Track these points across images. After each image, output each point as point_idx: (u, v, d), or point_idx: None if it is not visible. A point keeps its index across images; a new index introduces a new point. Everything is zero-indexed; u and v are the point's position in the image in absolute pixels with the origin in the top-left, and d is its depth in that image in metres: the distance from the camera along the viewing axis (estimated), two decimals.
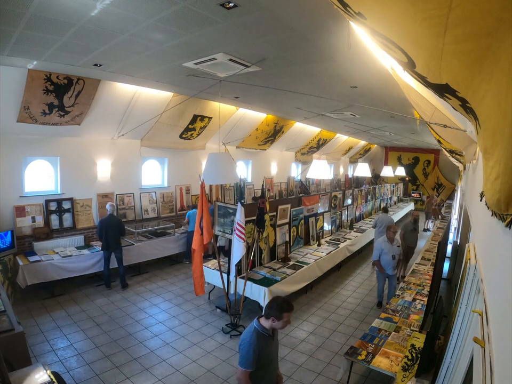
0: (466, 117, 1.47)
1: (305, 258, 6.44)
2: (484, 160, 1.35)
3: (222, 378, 3.89)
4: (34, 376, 2.40)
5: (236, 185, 10.35)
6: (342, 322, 5.35)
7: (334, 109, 7.15)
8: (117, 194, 7.33)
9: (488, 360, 1.22)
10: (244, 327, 4.98)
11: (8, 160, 5.62)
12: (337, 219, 9.09)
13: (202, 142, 9.13)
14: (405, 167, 16.22)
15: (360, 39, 2.85)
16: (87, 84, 5.34)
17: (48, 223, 6.22)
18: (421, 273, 6.11)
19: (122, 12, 2.72)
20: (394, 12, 0.87)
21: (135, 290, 6.25)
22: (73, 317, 5.09)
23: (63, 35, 3.31)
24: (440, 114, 2.69)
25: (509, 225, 1.07)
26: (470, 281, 2.14)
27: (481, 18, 0.68)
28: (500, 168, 0.92)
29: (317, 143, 13.69)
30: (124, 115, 6.59)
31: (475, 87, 0.96)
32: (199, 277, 4.64)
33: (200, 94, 6.31)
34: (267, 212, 5.19)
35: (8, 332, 2.96)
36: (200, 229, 4.53)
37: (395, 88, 4.42)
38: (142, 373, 3.91)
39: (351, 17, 1.22)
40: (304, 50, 3.55)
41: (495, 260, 1.48)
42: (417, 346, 3.36)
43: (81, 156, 6.69)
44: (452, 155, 7.58)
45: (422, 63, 1.10)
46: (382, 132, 11.31)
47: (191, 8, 2.60)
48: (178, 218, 8.60)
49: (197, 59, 4.04)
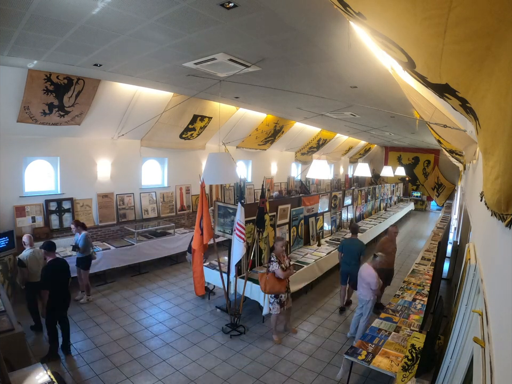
0: (466, 117, 1.47)
1: (305, 258, 6.44)
2: (483, 160, 1.35)
3: (222, 378, 3.89)
4: (34, 376, 2.40)
5: (235, 185, 10.35)
6: (342, 322, 5.35)
7: (334, 109, 7.14)
8: (117, 194, 7.33)
9: (488, 360, 1.22)
10: (244, 327, 4.99)
11: (8, 160, 5.62)
12: (337, 219, 9.09)
13: (202, 142, 9.13)
14: (405, 167, 16.21)
15: (360, 39, 2.84)
16: (87, 84, 5.34)
17: (48, 223, 6.22)
18: (421, 273, 6.11)
19: (122, 12, 2.72)
20: (394, 11, 0.87)
21: (135, 290, 6.25)
22: (73, 317, 5.08)
23: (63, 35, 3.31)
24: (440, 114, 2.69)
25: (509, 225, 1.07)
26: (470, 281, 2.14)
27: (481, 18, 0.68)
28: (500, 168, 0.92)
29: (317, 143, 13.69)
30: (123, 115, 6.59)
31: (475, 87, 0.96)
32: (199, 277, 4.65)
33: (200, 94, 6.31)
34: (267, 212, 5.19)
35: (8, 332, 2.97)
36: (200, 229, 4.53)
37: (395, 88, 4.41)
38: (142, 373, 3.91)
39: (351, 17, 1.22)
40: (304, 50, 3.55)
41: (495, 260, 1.48)
42: (417, 346, 3.35)
43: (81, 156, 6.69)
44: (452, 155, 7.58)
45: (422, 63, 1.10)
46: (382, 132, 11.31)
47: (191, 8, 2.60)
48: (178, 218, 8.61)
49: (197, 59, 4.04)
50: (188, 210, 8.90)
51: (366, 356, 3.47)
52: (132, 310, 5.46)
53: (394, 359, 3.41)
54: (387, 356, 3.47)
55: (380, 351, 3.57)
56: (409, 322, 4.21)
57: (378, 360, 3.41)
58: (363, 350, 3.58)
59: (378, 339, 3.81)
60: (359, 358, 3.44)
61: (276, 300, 4.57)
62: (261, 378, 3.93)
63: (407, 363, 3.17)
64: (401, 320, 4.28)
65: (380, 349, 3.61)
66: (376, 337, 3.85)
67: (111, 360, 4.11)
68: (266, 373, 4.03)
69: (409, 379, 2.98)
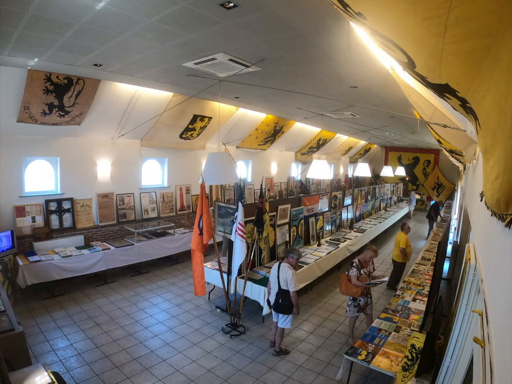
0: (466, 117, 1.47)
1: (305, 258, 6.44)
2: (483, 160, 1.35)
3: (222, 378, 3.89)
4: (35, 376, 2.39)
5: (235, 185, 10.35)
6: (342, 322, 5.35)
7: (334, 109, 7.14)
8: (117, 194, 7.33)
9: (488, 360, 1.22)
10: (244, 327, 4.99)
11: (8, 160, 5.62)
12: (337, 219, 9.09)
13: (202, 142, 9.13)
14: (405, 167, 16.20)
15: (360, 39, 2.85)
16: (87, 84, 5.34)
17: (48, 223, 6.22)
18: (421, 273, 6.11)
19: (122, 12, 2.72)
20: (394, 11, 0.87)
21: (135, 290, 6.25)
22: (73, 317, 5.09)
23: (63, 35, 3.31)
24: (440, 114, 2.69)
25: (508, 225, 1.07)
26: (470, 281, 2.14)
27: (481, 18, 0.68)
28: (500, 168, 0.92)
29: (317, 143, 13.69)
30: (123, 115, 6.59)
31: (475, 87, 0.96)
32: (199, 276, 4.64)
33: (200, 94, 6.30)
34: (266, 212, 5.18)
35: (8, 332, 2.96)
36: (198, 229, 4.52)
37: (395, 88, 4.42)
38: (142, 373, 3.91)
39: (351, 17, 1.22)
40: (304, 50, 3.55)
41: (495, 259, 1.48)
42: (417, 346, 3.35)
43: (81, 156, 6.69)
44: (452, 155, 7.58)
45: (422, 63, 1.10)
46: (382, 132, 11.31)
47: (191, 8, 2.60)
48: (178, 218, 8.61)
49: (197, 59, 4.04)
50: (188, 210, 8.90)
51: (366, 355, 3.48)
52: (131, 310, 5.46)
53: (394, 359, 3.41)
54: (387, 356, 3.47)
55: (380, 351, 3.57)
56: (409, 322, 4.22)
57: (378, 360, 3.41)
58: (363, 350, 3.58)
59: (379, 339, 3.81)
60: (359, 358, 3.44)
61: (354, 303, 4.59)
62: (261, 378, 3.93)
63: (407, 363, 3.17)
64: (401, 320, 4.28)
65: (379, 349, 3.61)
66: (376, 337, 3.86)
67: (111, 360, 4.11)
68: (266, 373, 4.03)
69: (409, 379, 2.98)
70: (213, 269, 5.65)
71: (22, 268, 5.27)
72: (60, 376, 2.75)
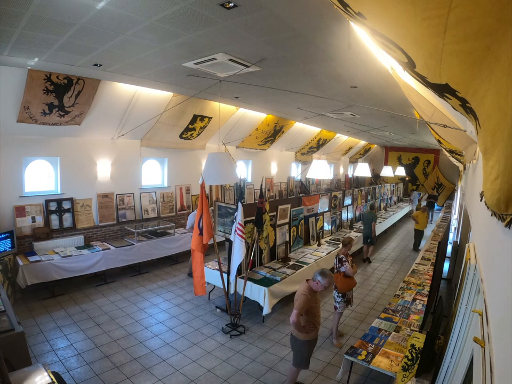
0: (466, 117, 1.47)
1: (305, 258, 6.45)
2: (483, 160, 1.35)
3: (222, 378, 3.89)
4: (35, 376, 2.39)
5: (235, 185, 10.35)
6: (342, 322, 5.34)
7: (334, 109, 7.15)
8: (117, 194, 7.33)
9: (488, 360, 1.22)
10: (244, 327, 4.99)
11: (8, 160, 5.62)
12: (337, 219, 9.09)
13: (202, 142, 9.13)
14: (405, 167, 16.20)
15: (360, 39, 2.85)
16: (87, 84, 5.34)
17: (48, 223, 6.22)
18: (421, 273, 6.11)
19: (123, 12, 2.72)
20: (394, 11, 0.87)
21: (135, 290, 6.25)
22: (73, 317, 5.09)
23: (63, 35, 3.30)
24: (440, 114, 2.69)
25: (508, 225, 1.07)
26: (470, 281, 2.14)
27: (481, 18, 0.68)
28: (500, 168, 0.92)
29: (317, 143, 13.69)
30: (123, 115, 6.59)
31: (475, 87, 0.96)
32: (199, 276, 4.64)
33: (200, 94, 6.30)
34: (266, 212, 5.18)
35: (8, 332, 2.96)
36: (198, 229, 4.52)
37: (395, 88, 4.42)
38: (142, 373, 3.91)
39: (351, 17, 1.22)
40: (304, 50, 3.55)
41: (495, 260, 1.48)
42: (417, 346, 3.35)
43: (81, 156, 6.69)
44: (452, 155, 7.59)
45: (422, 63, 1.10)
46: (382, 132, 11.31)
47: (191, 8, 2.60)
48: (178, 218, 8.61)
49: (197, 59, 4.04)
50: (188, 210, 8.89)
51: (366, 355, 3.48)
52: (131, 310, 5.46)
53: (394, 359, 3.41)
54: (387, 356, 3.47)
55: (380, 351, 3.57)
56: (409, 322, 4.22)
57: (378, 360, 3.41)
58: (363, 350, 3.58)
59: (379, 339, 3.81)
60: (359, 358, 3.44)
61: (343, 298, 4.66)
62: (261, 378, 3.93)
63: (407, 363, 3.17)
64: (401, 320, 4.28)
65: (379, 349, 3.61)
66: (376, 337, 3.86)
67: (111, 360, 4.11)
68: (266, 373, 4.03)
69: (409, 379, 2.98)
70: (213, 269, 5.65)
71: (22, 267, 5.27)
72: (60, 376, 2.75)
